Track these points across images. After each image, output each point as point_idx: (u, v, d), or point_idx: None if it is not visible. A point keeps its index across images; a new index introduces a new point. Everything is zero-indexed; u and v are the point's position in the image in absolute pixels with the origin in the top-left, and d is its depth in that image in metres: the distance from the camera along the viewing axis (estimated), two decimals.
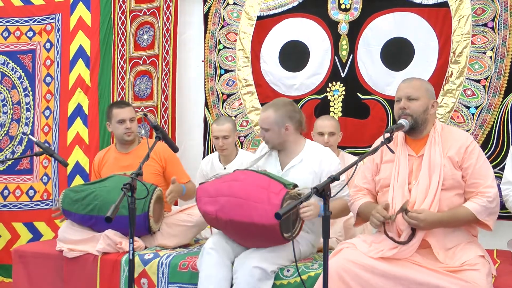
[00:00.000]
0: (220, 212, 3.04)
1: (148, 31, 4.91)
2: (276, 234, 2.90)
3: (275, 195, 2.91)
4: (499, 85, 3.79)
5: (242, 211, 2.96)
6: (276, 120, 3.16)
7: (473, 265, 2.54)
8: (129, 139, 3.93)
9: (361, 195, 2.98)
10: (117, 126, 3.92)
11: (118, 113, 3.91)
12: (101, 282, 3.45)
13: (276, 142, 3.23)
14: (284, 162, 3.25)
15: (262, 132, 3.24)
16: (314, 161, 3.16)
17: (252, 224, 2.93)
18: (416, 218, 2.59)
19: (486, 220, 2.65)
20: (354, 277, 2.57)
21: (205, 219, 3.27)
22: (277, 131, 3.18)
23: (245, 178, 3.11)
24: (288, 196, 2.91)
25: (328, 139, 3.85)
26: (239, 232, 3.06)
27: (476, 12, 3.87)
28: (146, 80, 4.91)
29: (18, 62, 5.27)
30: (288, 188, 2.95)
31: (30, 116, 5.21)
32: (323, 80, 4.37)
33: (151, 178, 3.74)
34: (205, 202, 3.14)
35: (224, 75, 4.70)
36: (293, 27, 4.49)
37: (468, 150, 2.73)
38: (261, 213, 2.89)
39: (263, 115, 3.22)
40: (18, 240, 5.09)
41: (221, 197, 3.07)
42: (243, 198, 2.99)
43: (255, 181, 3.06)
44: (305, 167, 3.16)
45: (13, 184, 5.19)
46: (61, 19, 5.16)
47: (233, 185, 3.09)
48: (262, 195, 2.94)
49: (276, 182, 3.01)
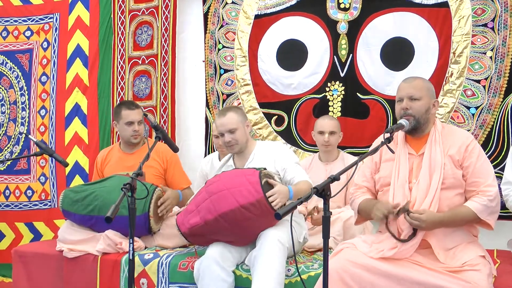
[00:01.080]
0: (207, 214, 3.07)
1: (147, 31, 4.91)
2: (265, 208, 2.97)
3: (251, 175, 3.07)
4: (499, 85, 3.80)
5: (226, 200, 3.02)
6: (240, 118, 3.37)
7: (474, 265, 2.54)
8: (135, 141, 3.92)
9: (360, 193, 2.98)
10: (125, 127, 3.89)
11: (127, 115, 3.87)
12: (101, 282, 3.45)
13: (244, 141, 3.38)
14: (240, 165, 3.42)
15: (228, 136, 3.33)
16: (266, 155, 3.34)
17: (240, 208, 2.99)
18: (418, 219, 2.59)
19: (488, 219, 2.65)
20: (354, 277, 2.58)
21: (192, 238, 3.26)
22: (243, 128, 3.37)
23: (219, 178, 3.22)
24: (263, 174, 3.09)
25: (328, 138, 3.86)
26: (232, 225, 3.06)
27: (476, 12, 3.87)
28: (145, 80, 4.90)
29: (16, 62, 5.26)
30: (260, 170, 3.12)
31: (25, 116, 5.20)
32: (321, 79, 4.36)
33: (153, 180, 3.74)
34: (189, 219, 3.17)
35: (223, 75, 4.70)
36: (291, 26, 4.48)
37: (468, 149, 2.74)
38: (244, 194, 3.00)
39: (225, 119, 3.34)
40: (21, 240, 5.09)
41: (203, 203, 3.12)
42: (224, 189, 3.07)
43: (229, 175, 3.20)
44: (260, 163, 3.31)
45: (13, 184, 5.19)
46: (59, 18, 5.15)
47: (210, 188, 3.16)
48: (240, 180, 3.07)
49: (247, 169, 3.21)
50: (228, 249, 3.13)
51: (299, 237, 3.28)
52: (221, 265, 3.04)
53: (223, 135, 3.36)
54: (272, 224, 3.10)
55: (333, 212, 3.38)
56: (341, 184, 2.68)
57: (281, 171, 3.29)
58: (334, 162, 3.93)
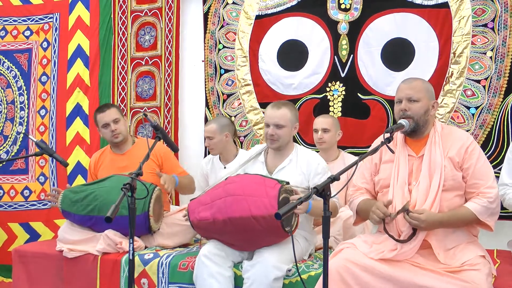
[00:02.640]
0: (217, 213, 3.04)
1: (150, 32, 4.91)
2: (276, 225, 2.91)
3: (271, 189, 2.98)
4: (499, 86, 3.80)
5: (240, 206, 2.98)
6: (292, 118, 3.27)
7: (473, 265, 2.54)
8: (117, 141, 3.91)
9: (359, 194, 2.98)
10: (103, 131, 3.92)
11: (100, 118, 3.90)
12: (101, 282, 3.45)
13: (286, 141, 3.27)
14: (273, 165, 3.32)
15: (273, 129, 3.24)
16: (303, 166, 3.25)
17: (251, 218, 2.95)
18: (417, 219, 2.59)
19: (487, 221, 2.65)
20: (354, 277, 2.57)
21: (198, 229, 3.26)
22: (290, 129, 3.27)
23: (241, 179, 3.16)
24: (284, 190, 3.00)
25: (321, 135, 3.86)
26: (238, 230, 3.04)
27: (476, 13, 3.87)
28: (149, 81, 4.90)
29: (14, 61, 5.25)
30: (282, 184, 3.03)
31: (24, 116, 5.19)
32: (322, 79, 4.36)
33: (149, 177, 3.74)
34: (200, 210, 3.14)
35: (224, 75, 4.70)
36: (291, 26, 4.48)
37: (468, 150, 2.73)
38: (259, 205, 2.94)
39: (278, 112, 3.25)
40: (15, 241, 5.06)
41: (217, 200, 3.09)
42: (241, 194, 3.02)
43: (250, 180, 3.13)
44: (294, 171, 3.24)
45: (7, 184, 5.16)
46: (59, 18, 5.15)
47: (228, 187, 3.11)
48: (259, 189, 3.00)
49: (270, 179, 3.10)
50: (224, 249, 3.12)
51: (305, 254, 3.27)
52: (217, 262, 3.04)
53: (269, 126, 3.25)
54: (278, 241, 3.06)
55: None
56: (341, 184, 2.69)
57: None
58: (335, 162, 3.93)
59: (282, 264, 2.97)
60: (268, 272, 2.91)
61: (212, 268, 3.02)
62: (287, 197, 3.01)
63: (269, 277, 2.90)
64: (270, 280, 2.89)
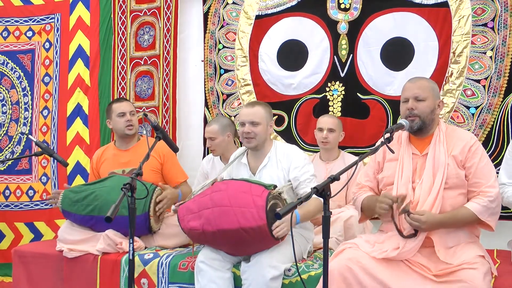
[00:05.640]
0: (206, 225, 3.03)
1: (148, 31, 4.91)
2: (265, 234, 2.93)
3: (258, 197, 2.98)
4: (499, 85, 3.79)
5: (228, 218, 2.97)
6: (266, 115, 3.31)
7: (471, 264, 2.54)
8: (130, 133, 3.92)
9: (363, 191, 2.98)
10: (118, 120, 3.92)
11: (117, 107, 3.94)
12: (101, 282, 3.45)
13: (263, 138, 3.29)
14: (255, 166, 3.34)
15: (249, 127, 3.26)
16: (282, 161, 3.26)
17: (240, 229, 2.95)
18: (418, 220, 2.59)
19: (488, 221, 2.66)
20: (356, 277, 2.57)
21: (190, 236, 3.27)
22: (266, 126, 3.30)
23: (227, 187, 3.14)
24: (271, 196, 3.00)
25: (326, 135, 3.87)
26: (228, 241, 3.05)
27: (476, 12, 3.87)
28: (147, 80, 4.90)
29: (17, 62, 5.26)
30: (269, 189, 3.04)
31: (28, 116, 5.20)
32: (322, 79, 4.36)
33: (150, 175, 3.74)
34: (189, 219, 3.14)
35: (223, 75, 4.70)
36: (291, 26, 4.48)
37: (471, 150, 2.74)
38: (247, 217, 2.94)
39: (252, 110, 3.29)
40: (21, 240, 5.09)
41: (205, 210, 3.08)
42: (228, 205, 3.01)
43: (237, 188, 3.11)
44: (274, 168, 3.26)
45: (14, 184, 5.19)
46: (61, 19, 5.16)
47: (215, 196, 3.10)
48: (246, 199, 2.99)
49: (256, 185, 3.08)
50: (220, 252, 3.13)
51: (303, 253, 3.27)
52: (215, 266, 3.05)
53: (244, 124, 3.27)
54: (269, 247, 3.05)
55: (334, 212, 3.39)
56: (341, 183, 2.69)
57: (294, 182, 3.20)
58: (335, 162, 3.93)
59: (279, 263, 2.97)
60: (265, 272, 2.91)
61: (211, 273, 3.04)
62: (276, 203, 3.02)
63: (266, 277, 2.90)
64: (267, 280, 2.89)
